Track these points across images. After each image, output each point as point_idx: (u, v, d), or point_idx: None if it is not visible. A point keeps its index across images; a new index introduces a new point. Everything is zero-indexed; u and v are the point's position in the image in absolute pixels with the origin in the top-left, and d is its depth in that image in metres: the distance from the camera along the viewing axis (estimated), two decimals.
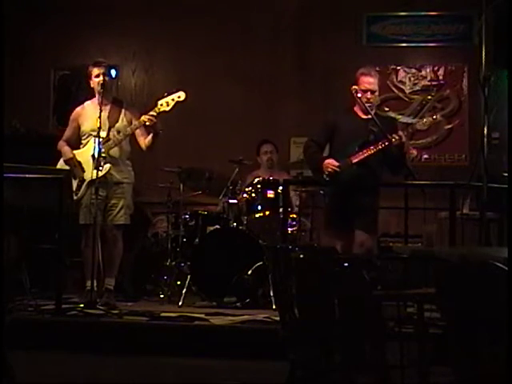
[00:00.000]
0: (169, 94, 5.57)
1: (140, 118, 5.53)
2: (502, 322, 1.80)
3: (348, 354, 2.65)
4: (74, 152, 5.64)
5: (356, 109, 5.46)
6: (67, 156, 5.60)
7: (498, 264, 1.81)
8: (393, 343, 3.48)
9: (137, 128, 5.57)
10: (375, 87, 5.42)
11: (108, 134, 5.54)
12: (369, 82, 5.38)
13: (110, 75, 5.69)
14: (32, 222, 5.78)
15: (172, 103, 5.53)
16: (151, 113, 5.48)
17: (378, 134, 5.24)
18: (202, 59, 7.90)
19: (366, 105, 5.33)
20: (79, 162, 5.58)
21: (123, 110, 5.71)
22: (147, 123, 5.50)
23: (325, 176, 5.29)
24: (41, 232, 6.22)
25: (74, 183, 5.59)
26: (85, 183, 5.52)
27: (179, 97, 5.56)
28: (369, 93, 5.34)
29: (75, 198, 5.57)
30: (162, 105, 5.52)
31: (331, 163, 5.26)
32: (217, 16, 7.95)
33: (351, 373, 2.66)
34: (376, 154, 5.23)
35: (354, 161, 5.23)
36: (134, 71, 8.04)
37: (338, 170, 5.23)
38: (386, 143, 5.18)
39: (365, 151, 5.23)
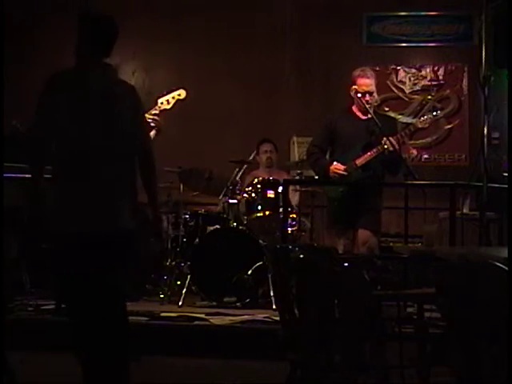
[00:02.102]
0: (169, 92, 5.57)
1: None
2: (502, 322, 1.80)
3: (348, 353, 2.66)
4: None
5: (354, 109, 5.47)
6: None
7: (498, 264, 1.81)
8: (393, 343, 3.48)
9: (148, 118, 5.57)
10: (373, 88, 5.43)
11: None
12: (366, 83, 5.39)
13: None
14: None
15: (173, 101, 5.53)
16: (153, 112, 5.48)
17: (378, 134, 5.26)
18: (202, 59, 7.90)
19: (364, 107, 5.35)
20: None
21: None
22: (152, 124, 5.51)
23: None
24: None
25: None
26: None
27: (179, 94, 5.56)
28: (367, 95, 5.36)
29: None
30: (162, 103, 5.52)
31: (338, 168, 5.32)
32: (217, 15, 7.95)
33: (351, 373, 2.66)
34: (378, 155, 5.27)
35: (359, 163, 5.28)
36: (134, 71, 8.04)
37: (345, 173, 5.28)
38: (380, 149, 5.23)
39: (368, 153, 5.28)
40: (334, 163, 5.35)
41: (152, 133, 5.62)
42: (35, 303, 5.29)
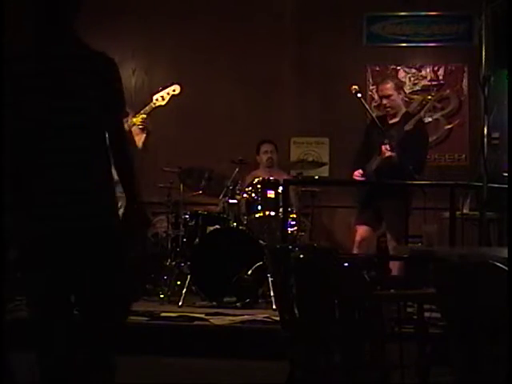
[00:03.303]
0: (163, 88, 5.57)
1: (135, 115, 5.53)
2: (502, 322, 1.80)
3: (348, 353, 2.66)
4: None
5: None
6: None
7: (498, 264, 1.81)
8: (393, 343, 3.48)
9: (135, 123, 5.56)
10: (387, 92, 5.63)
11: None
12: (382, 88, 5.68)
13: None
14: None
15: (167, 97, 5.53)
16: (141, 115, 5.46)
17: (395, 138, 5.42)
18: (202, 59, 7.90)
19: (386, 110, 5.67)
20: None
21: None
22: (140, 127, 5.50)
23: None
24: None
25: None
26: None
27: (174, 90, 5.55)
28: (384, 99, 5.55)
29: None
30: (157, 99, 5.51)
31: (356, 175, 5.68)
32: (217, 15, 7.95)
33: (351, 373, 2.66)
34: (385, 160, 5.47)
35: (374, 168, 5.47)
36: (134, 71, 8.04)
37: (362, 179, 5.64)
38: (381, 156, 5.41)
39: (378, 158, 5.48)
40: (356, 170, 5.68)
41: (143, 135, 5.62)
42: None
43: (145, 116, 5.47)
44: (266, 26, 7.94)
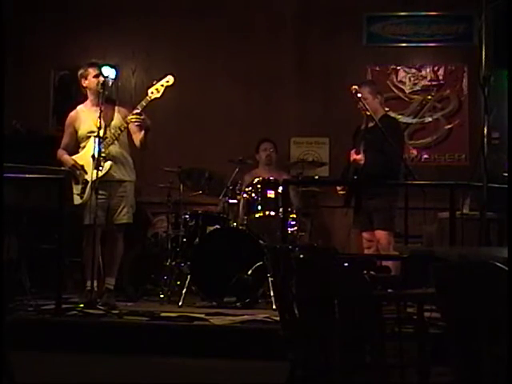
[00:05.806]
0: (158, 81, 5.57)
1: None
2: (501, 322, 1.80)
3: (348, 353, 2.66)
4: (74, 157, 5.64)
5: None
6: (69, 164, 5.59)
7: (498, 264, 1.81)
8: (393, 343, 3.48)
9: (131, 121, 5.55)
10: (363, 96, 5.60)
11: (105, 133, 5.52)
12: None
13: (108, 75, 5.67)
14: (32, 222, 5.79)
15: (162, 89, 5.53)
16: (135, 111, 5.46)
17: (369, 140, 5.49)
18: (202, 59, 7.90)
19: (362, 113, 5.67)
20: (81, 166, 5.57)
21: (116, 108, 5.72)
22: (136, 124, 5.50)
23: None
24: (41, 232, 6.23)
25: (78, 187, 5.56)
26: (88, 185, 5.49)
27: (168, 81, 5.55)
28: (359, 103, 5.62)
29: (81, 200, 5.54)
30: (152, 92, 5.51)
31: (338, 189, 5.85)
32: (217, 15, 7.95)
33: (351, 373, 2.66)
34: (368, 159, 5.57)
35: (351, 175, 5.63)
36: (134, 71, 8.04)
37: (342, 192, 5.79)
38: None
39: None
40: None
41: (141, 134, 5.62)
42: (35, 303, 5.29)
43: (139, 110, 5.46)
44: (266, 26, 7.94)
